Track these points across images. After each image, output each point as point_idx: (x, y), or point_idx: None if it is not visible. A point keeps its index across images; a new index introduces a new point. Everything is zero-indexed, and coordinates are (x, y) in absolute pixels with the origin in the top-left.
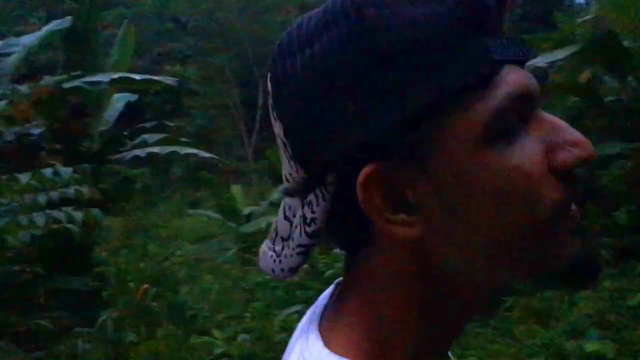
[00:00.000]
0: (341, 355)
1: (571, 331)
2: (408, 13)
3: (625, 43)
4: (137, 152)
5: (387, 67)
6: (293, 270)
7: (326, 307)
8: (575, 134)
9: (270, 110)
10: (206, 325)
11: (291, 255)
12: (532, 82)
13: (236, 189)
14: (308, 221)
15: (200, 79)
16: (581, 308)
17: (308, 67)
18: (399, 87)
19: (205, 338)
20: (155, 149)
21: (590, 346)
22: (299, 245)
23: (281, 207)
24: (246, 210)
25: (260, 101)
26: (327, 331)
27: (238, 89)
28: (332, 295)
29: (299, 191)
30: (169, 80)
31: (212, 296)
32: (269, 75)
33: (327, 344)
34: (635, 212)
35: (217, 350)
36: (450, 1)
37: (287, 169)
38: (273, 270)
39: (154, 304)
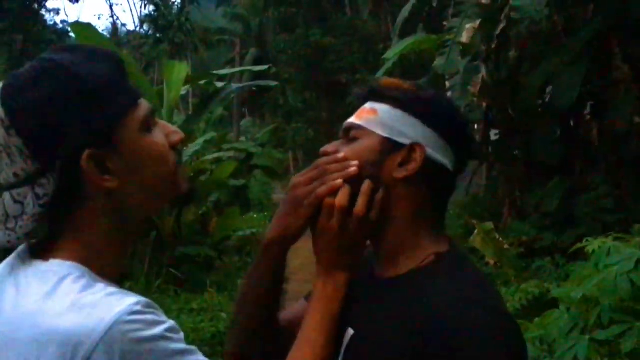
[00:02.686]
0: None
1: None
2: (96, 69)
3: None
4: None
5: (92, 101)
6: (28, 235)
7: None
8: (172, 128)
9: (6, 132)
10: None
11: (27, 225)
12: (149, 106)
13: None
14: (41, 196)
15: None
16: None
17: (43, 101)
18: (98, 110)
19: None
20: None
21: None
22: (34, 215)
23: (9, 200)
24: None
25: None
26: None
27: None
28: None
29: (28, 181)
30: None
31: None
32: (4, 109)
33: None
34: None
35: None
36: (113, 63)
37: (17, 168)
38: (9, 241)
39: None
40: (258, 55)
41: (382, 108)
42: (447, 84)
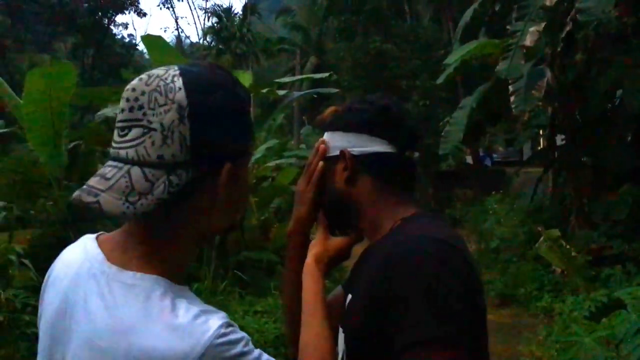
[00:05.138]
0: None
1: None
2: (246, 95)
3: None
4: None
5: (244, 121)
6: (145, 213)
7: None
8: None
9: (179, 119)
10: None
11: (148, 205)
12: None
13: None
14: (173, 185)
15: None
16: None
17: (222, 105)
18: (246, 131)
19: None
20: None
21: None
22: (159, 199)
23: (138, 175)
24: None
25: None
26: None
27: None
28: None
29: (172, 167)
30: None
31: None
32: (188, 99)
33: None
34: None
35: None
36: (249, 95)
37: (167, 152)
38: (124, 213)
39: None
40: (317, 64)
41: (325, 136)
42: (511, 88)
